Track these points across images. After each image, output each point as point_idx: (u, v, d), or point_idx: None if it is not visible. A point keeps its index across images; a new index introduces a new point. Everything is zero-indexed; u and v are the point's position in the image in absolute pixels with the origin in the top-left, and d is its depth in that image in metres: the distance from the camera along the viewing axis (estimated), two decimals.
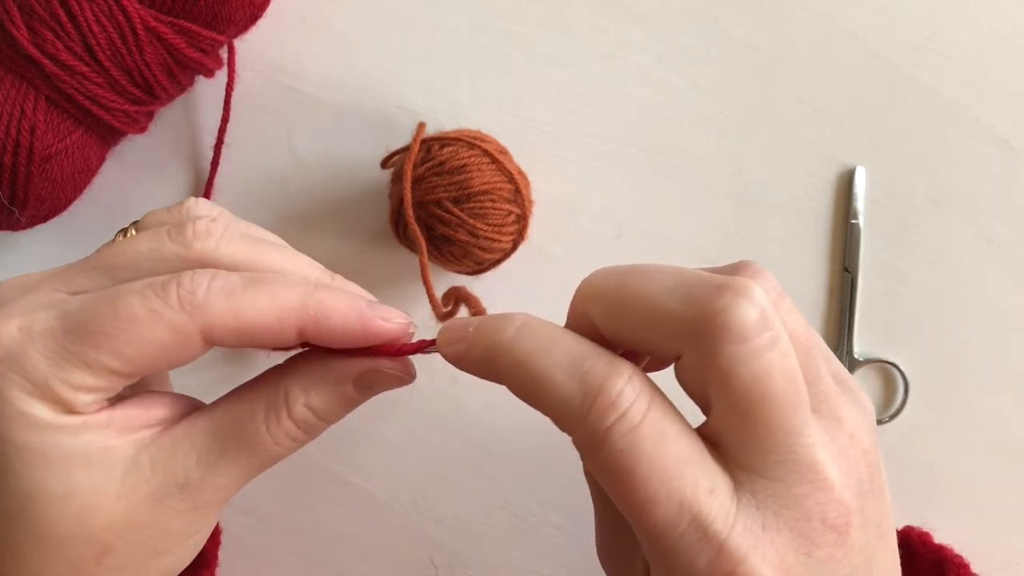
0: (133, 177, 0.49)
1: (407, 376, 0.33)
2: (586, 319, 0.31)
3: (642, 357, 0.34)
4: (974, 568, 0.43)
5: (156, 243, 0.32)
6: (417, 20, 0.49)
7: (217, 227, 0.32)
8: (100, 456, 0.30)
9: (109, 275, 0.31)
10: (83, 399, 0.29)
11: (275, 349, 0.34)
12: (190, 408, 0.33)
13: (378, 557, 0.49)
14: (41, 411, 0.29)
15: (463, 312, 0.36)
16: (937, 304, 0.48)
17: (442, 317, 0.37)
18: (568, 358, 0.29)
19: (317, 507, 0.49)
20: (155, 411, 0.32)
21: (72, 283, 0.32)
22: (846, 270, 0.48)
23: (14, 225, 0.45)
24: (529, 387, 0.29)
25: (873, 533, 0.30)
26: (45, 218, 0.46)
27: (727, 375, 0.27)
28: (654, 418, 0.28)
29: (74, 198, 0.46)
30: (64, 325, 0.29)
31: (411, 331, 0.33)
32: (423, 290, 0.49)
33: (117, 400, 0.31)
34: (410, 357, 0.34)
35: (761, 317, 0.28)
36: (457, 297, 0.36)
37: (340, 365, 0.32)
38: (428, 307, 0.49)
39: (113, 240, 0.33)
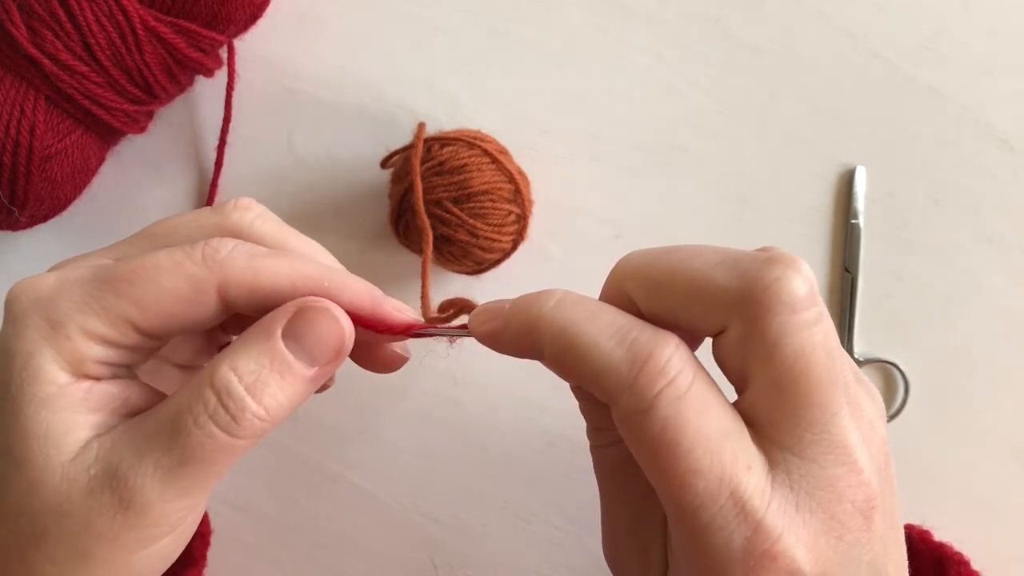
0: (133, 177, 0.49)
1: (344, 327, 0.31)
2: (623, 297, 0.31)
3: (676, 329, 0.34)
4: (974, 565, 0.43)
5: (196, 214, 0.33)
6: (417, 20, 0.49)
7: (255, 206, 0.34)
8: (59, 430, 0.29)
9: (149, 241, 0.33)
10: (94, 352, 0.30)
11: None
12: None
13: (378, 557, 0.49)
14: (43, 359, 0.29)
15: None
16: (937, 304, 0.48)
17: (430, 321, 0.37)
18: (613, 327, 0.29)
19: (316, 507, 0.49)
20: (134, 398, 0.31)
21: (117, 252, 0.33)
22: (846, 270, 0.48)
23: (14, 225, 0.45)
24: (573, 355, 0.29)
25: (888, 522, 0.30)
26: (45, 218, 0.46)
27: (773, 346, 0.28)
28: (699, 389, 0.28)
29: (74, 198, 0.46)
30: (94, 275, 0.30)
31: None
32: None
33: (110, 379, 0.31)
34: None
35: (810, 291, 0.28)
36: (461, 307, 0.35)
37: (270, 316, 0.31)
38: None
39: None
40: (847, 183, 0.48)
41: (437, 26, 0.49)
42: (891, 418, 0.48)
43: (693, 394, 0.28)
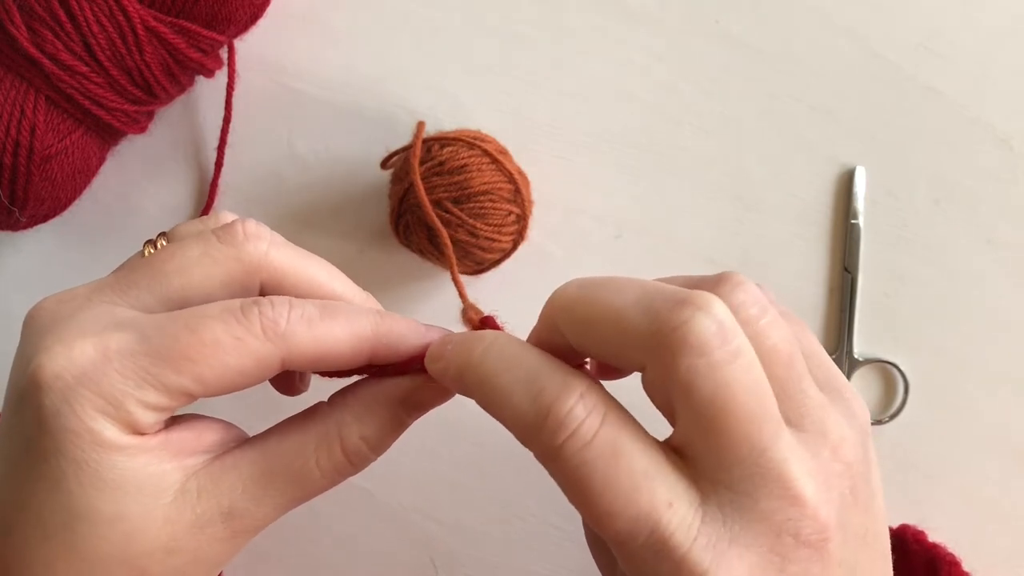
0: (133, 177, 0.49)
1: (450, 391, 0.34)
2: (556, 330, 0.31)
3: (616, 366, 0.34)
4: (965, 566, 0.43)
5: (205, 246, 0.32)
6: (417, 20, 0.49)
7: (264, 231, 0.33)
8: (152, 482, 0.30)
9: (162, 282, 0.32)
10: (150, 418, 0.30)
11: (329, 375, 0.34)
12: (238, 437, 0.33)
13: (378, 557, 0.49)
14: (107, 429, 0.29)
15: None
16: (937, 304, 0.48)
17: (469, 320, 0.37)
18: (527, 376, 0.29)
19: (316, 507, 0.49)
20: (207, 437, 0.32)
21: (127, 295, 0.32)
22: (846, 270, 0.48)
23: (14, 225, 0.45)
24: (491, 403, 0.30)
25: (856, 545, 0.29)
26: (45, 218, 0.46)
27: (687, 389, 0.27)
28: (607, 434, 0.28)
29: (74, 198, 0.46)
30: (143, 348, 0.29)
31: None
32: (422, 290, 0.49)
33: (171, 423, 0.31)
34: None
35: (719, 331, 0.27)
36: (479, 319, 0.36)
37: (389, 390, 0.33)
38: (426, 311, 0.49)
39: (141, 252, 0.33)
40: (847, 183, 0.48)
41: (437, 26, 0.49)
42: (891, 418, 0.48)
43: (600, 440, 0.28)
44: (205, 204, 0.49)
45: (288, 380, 0.38)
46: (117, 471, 0.29)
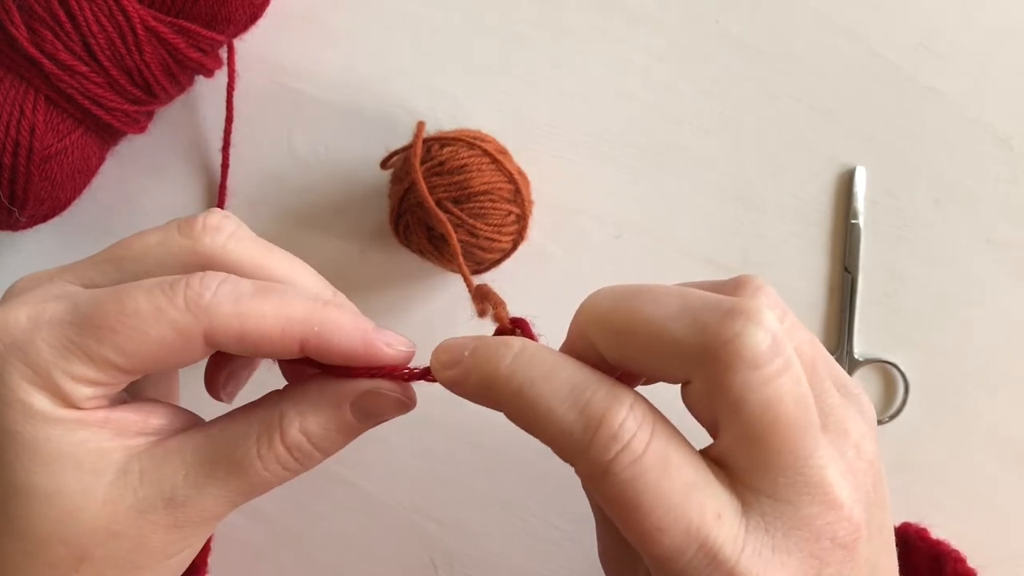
0: (133, 177, 0.49)
1: (408, 401, 0.33)
2: (587, 342, 0.30)
3: (641, 376, 0.33)
4: (971, 562, 0.43)
5: (164, 236, 0.32)
6: (417, 20, 0.49)
7: (228, 224, 0.32)
8: (91, 458, 0.29)
9: (117, 267, 0.32)
10: (83, 392, 0.29)
11: (283, 361, 0.34)
12: (188, 423, 0.32)
13: (378, 557, 0.49)
14: (40, 401, 0.29)
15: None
16: (937, 304, 0.48)
17: (481, 312, 0.36)
18: (568, 387, 0.28)
19: (317, 507, 0.49)
20: (153, 420, 0.31)
21: (83, 276, 0.32)
22: (846, 270, 0.48)
23: (14, 225, 0.45)
24: (528, 417, 0.29)
25: (878, 541, 0.30)
26: (45, 218, 0.46)
27: (737, 402, 0.27)
28: (657, 447, 0.28)
29: (74, 198, 0.46)
30: (71, 317, 0.29)
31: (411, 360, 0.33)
32: (423, 290, 0.49)
33: (117, 403, 0.31)
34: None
35: (773, 343, 0.27)
36: (483, 296, 0.34)
37: (338, 388, 0.32)
38: (426, 311, 0.49)
39: None
40: (847, 183, 0.48)
41: (437, 26, 0.49)
42: (891, 418, 0.48)
43: (651, 454, 0.27)
44: (215, 206, 0.49)
45: (213, 378, 0.36)
46: (53, 444, 0.29)
